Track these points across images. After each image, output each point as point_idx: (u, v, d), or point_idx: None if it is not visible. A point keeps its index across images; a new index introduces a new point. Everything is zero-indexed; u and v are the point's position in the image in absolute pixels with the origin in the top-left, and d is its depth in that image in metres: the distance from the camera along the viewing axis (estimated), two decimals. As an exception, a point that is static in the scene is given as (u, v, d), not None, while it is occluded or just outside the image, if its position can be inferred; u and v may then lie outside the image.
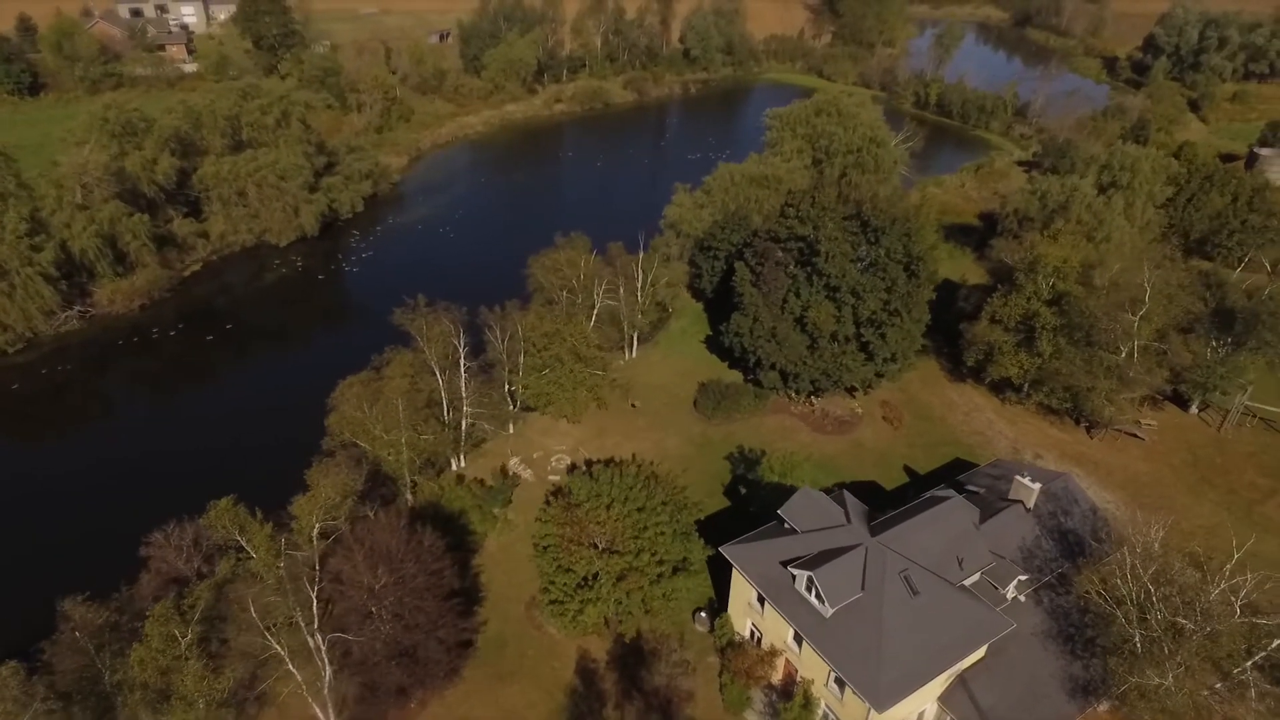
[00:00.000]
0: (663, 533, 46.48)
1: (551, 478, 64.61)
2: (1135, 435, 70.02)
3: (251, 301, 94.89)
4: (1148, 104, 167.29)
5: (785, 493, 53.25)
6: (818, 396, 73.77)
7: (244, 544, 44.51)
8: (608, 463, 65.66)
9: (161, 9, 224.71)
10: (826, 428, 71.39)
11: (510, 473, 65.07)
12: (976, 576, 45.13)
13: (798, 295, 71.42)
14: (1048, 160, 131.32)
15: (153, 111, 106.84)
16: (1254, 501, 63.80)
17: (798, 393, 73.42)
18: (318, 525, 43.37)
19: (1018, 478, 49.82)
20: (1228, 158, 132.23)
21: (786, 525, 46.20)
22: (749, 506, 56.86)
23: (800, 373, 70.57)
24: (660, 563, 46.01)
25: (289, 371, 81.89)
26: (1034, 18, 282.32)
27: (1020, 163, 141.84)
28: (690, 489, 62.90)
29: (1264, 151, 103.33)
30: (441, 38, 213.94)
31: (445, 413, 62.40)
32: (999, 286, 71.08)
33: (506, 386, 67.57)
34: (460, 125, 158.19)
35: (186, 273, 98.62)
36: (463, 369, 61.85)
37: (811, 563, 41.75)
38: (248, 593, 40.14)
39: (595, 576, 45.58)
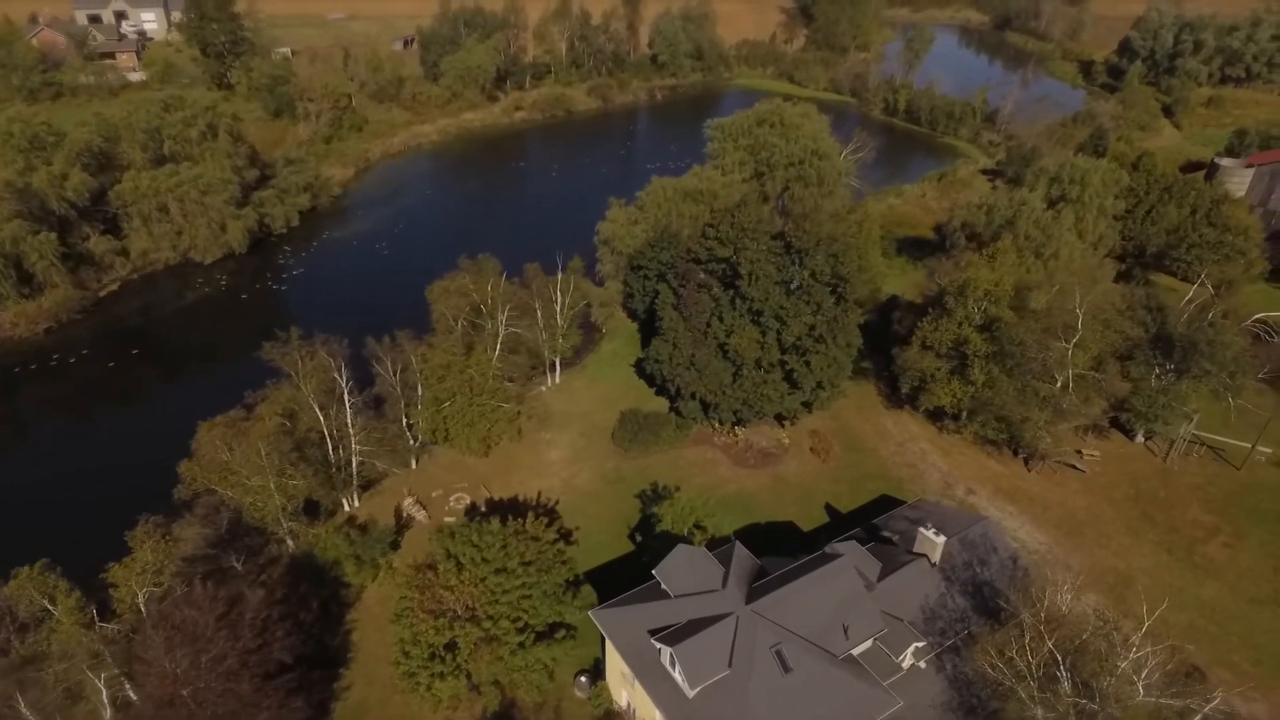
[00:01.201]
0: (527, 595, 42.31)
1: (447, 519, 60.34)
2: (1075, 467, 66.03)
3: (166, 323, 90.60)
4: (1120, 109, 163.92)
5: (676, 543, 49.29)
6: (742, 427, 69.72)
7: (57, 614, 40.26)
8: (507, 504, 61.97)
9: (120, 15, 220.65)
10: (749, 461, 67.30)
11: (404, 514, 60.95)
12: (868, 644, 41.05)
13: (721, 320, 67.52)
14: (1011, 169, 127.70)
15: (77, 123, 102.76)
16: (1196, 541, 59.79)
17: (721, 423, 69.41)
18: (143, 593, 39.18)
19: (921, 530, 45.80)
20: (1197, 166, 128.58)
21: (662, 587, 42.09)
22: (642, 557, 52.68)
23: (720, 403, 66.57)
24: (523, 629, 41.83)
25: (182, 402, 76.18)
26: (1013, 21, 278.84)
27: (985, 171, 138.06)
28: (594, 531, 59.25)
29: (1225, 162, 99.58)
30: (406, 44, 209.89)
31: (331, 451, 58.31)
32: (930, 309, 67.08)
33: (404, 421, 63.36)
34: (414, 134, 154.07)
35: (103, 293, 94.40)
36: (347, 404, 57.72)
37: (675, 635, 37.64)
38: (44, 673, 35.84)
39: (453, 646, 41.39)
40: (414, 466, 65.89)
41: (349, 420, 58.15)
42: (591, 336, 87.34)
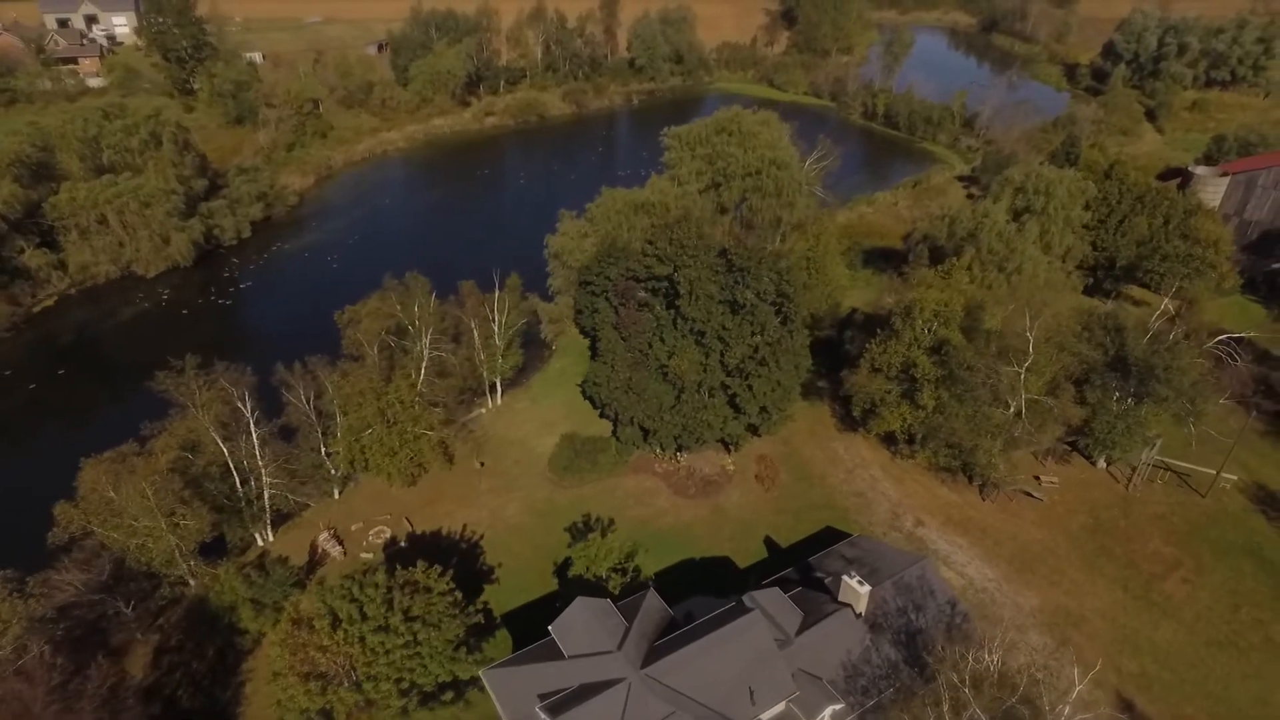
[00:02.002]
0: (414, 654, 38.99)
1: (364, 555, 57.11)
2: (1032, 495, 62.82)
3: (99, 341, 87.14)
4: (1101, 114, 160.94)
5: (590, 588, 46.11)
6: (685, 453, 66.47)
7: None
8: (429, 537, 58.65)
9: (91, 19, 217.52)
10: (689, 490, 64.02)
11: (319, 549, 57.63)
12: (780, 708, 37.79)
13: (663, 340, 64.32)
14: (986, 176, 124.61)
15: (7, 132, 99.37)
16: (1154, 577, 56.56)
17: (662, 449, 66.17)
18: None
19: (846, 578, 42.54)
20: (1177, 172, 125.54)
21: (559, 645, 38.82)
22: (555, 603, 49.36)
23: (659, 428, 63.33)
24: (407, 691, 38.52)
25: (98, 431, 71.44)
26: (1000, 23, 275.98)
27: (961, 178, 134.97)
28: (517, 570, 56.04)
29: (1199, 170, 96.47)
30: (380, 48, 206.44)
31: (239, 485, 54.98)
32: (878, 330, 63.85)
33: (323, 450, 60.01)
34: (380, 141, 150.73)
35: (37, 309, 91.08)
36: (254, 434, 54.43)
37: (561, 705, 34.38)
38: None
39: (328, 713, 38.08)
40: (336, 497, 62.58)
41: (257, 451, 54.84)
42: (541, 354, 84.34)
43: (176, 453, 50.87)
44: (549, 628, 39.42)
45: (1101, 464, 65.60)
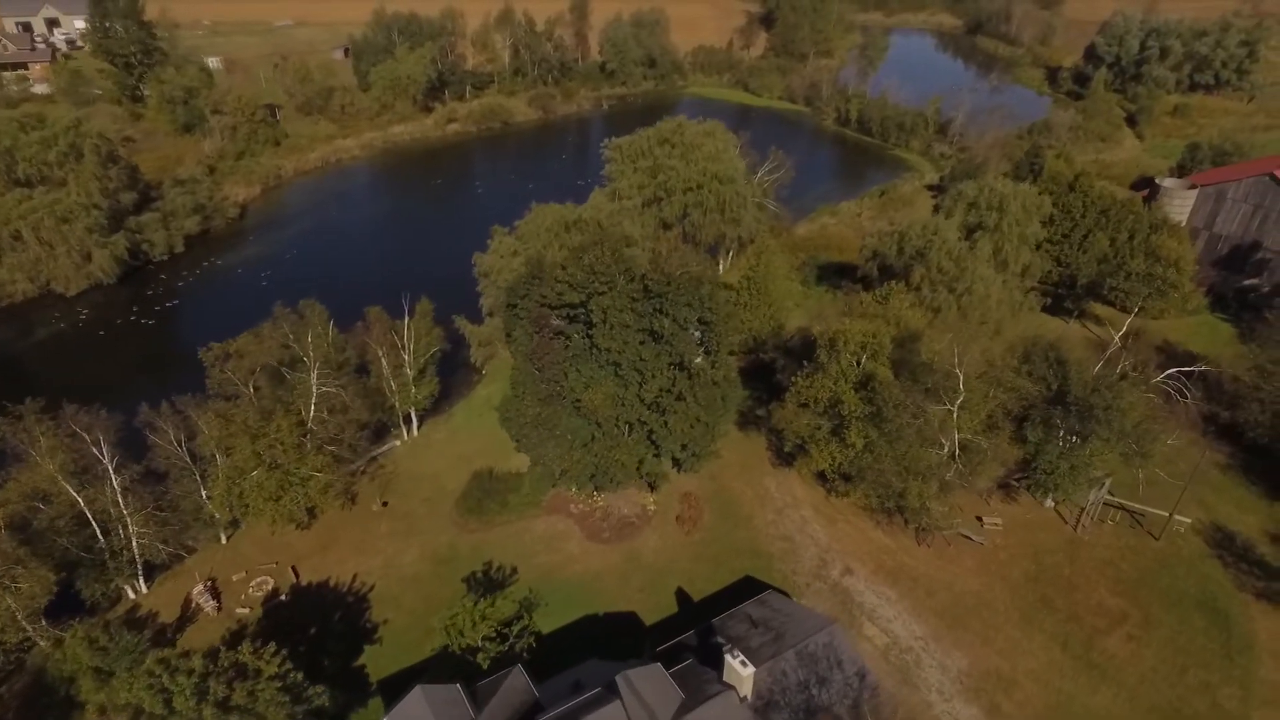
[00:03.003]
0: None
1: (240, 610, 52.68)
2: (972, 539, 58.39)
3: (14, 363, 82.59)
4: (1079, 120, 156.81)
5: (459, 659, 41.69)
6: (604, 491, 62.00)
7: None
8: (315, 589, 54.24)
9: (53, 22, 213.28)
10: (603, 533, 59.55)
11: (193, 604, 53.15)
12: (640, 813, 33.33)
13: (580, 372, 59.93)
14: (954, 185, 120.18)
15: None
16: (1097, 632, 52.13)
17: (578, 488, 61.72)
18: None
19: (728, 658, 38.13)
20: (1149, 182, 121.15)
21: (396, 740, 34.35)
22: (427, 673, 44.88)
23: (571, 468, 58.93)
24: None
25: None
26: (984, 25, 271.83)
27: (930, 187, 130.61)
28: (404, 627, 51.66)
29: (1166, 183, 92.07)
30: (346, 53, 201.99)
31: (102, 536, 50.52)
32: (804, 362, 59.43)
33: (203, 494, 55.48)
34: (335, 149, 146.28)
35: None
36: (114, 481, 49.96)
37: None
38: None
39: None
40: (224, 542, 58.13)
41: (119, 499, 50.38)
42: (470, 379, 79.99)
43: (18, 505, 46.31)
44: (384, 720, 35.03)
45: (1049, 503, 61.16)
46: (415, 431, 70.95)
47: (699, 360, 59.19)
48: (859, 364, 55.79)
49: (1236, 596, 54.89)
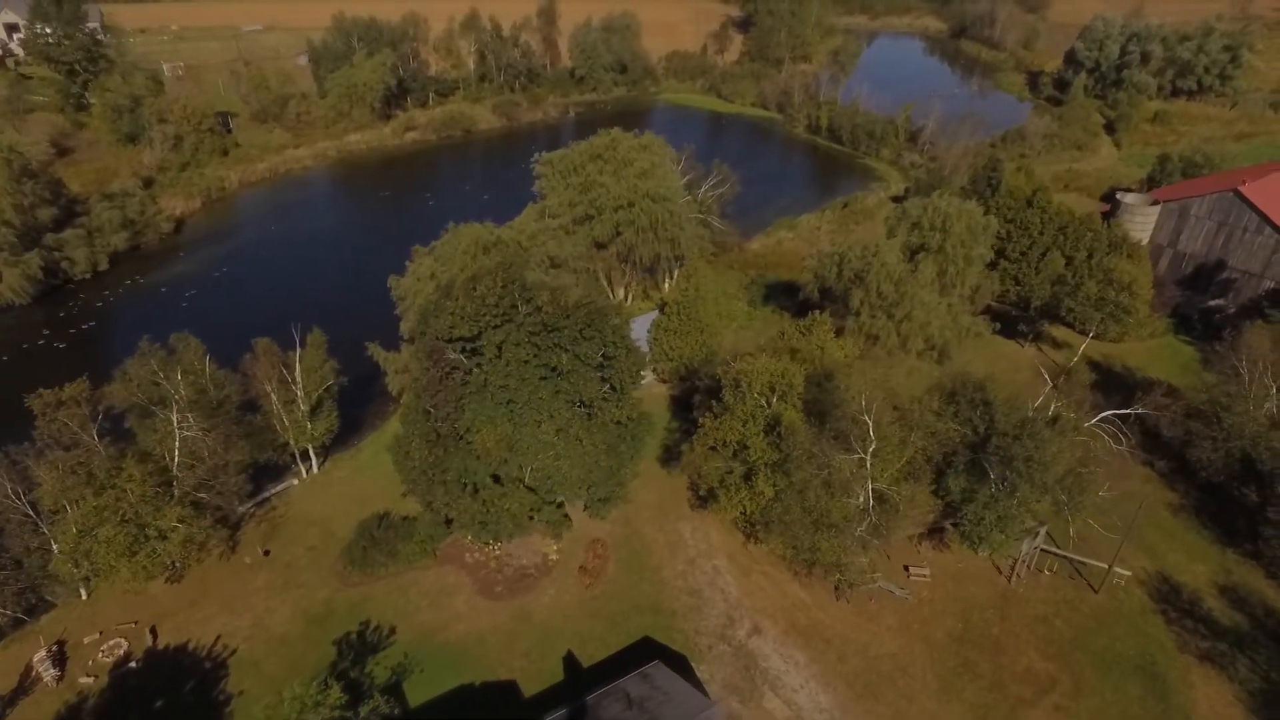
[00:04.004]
0: None
1: (84, 679, 48.15)
2: (895, 593, 53.88)
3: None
4: (1054, 127, 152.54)
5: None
6: (501, 540, 57.50)
7: None
8: (172, 653, 49.70)
9: (12, 28, 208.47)
10: (496, 587, 55.01)
11: (33, 672, 48.61)
12: None
13: (474, 411, 55.39)
14: (917, 196, 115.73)
15: None
16: (1021, 703, 47.60)
17: (474, 536, 57.18)
18: None
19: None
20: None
21: None
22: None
23: (459, 516, 54.43)
24: None
25: None
26: (969, 29, 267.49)
27: (896, 198, 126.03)
28: (262, 695, 46.93)
29: (1128, 199, 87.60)
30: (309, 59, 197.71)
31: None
32: (713, 403, 54.94)
33: (54, 548, 50.96)
34: (285, 159, 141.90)
35: None
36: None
37: None
38: None
39: None
40: (84, 598, 53.60)
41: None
42: (386, 409, 75.55)
43: None
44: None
45: (984, 551, 56.54)
46: (315, 469, 66.50)
47: (602, 399, 54.73)
48: (768, 405, 51.27)
49: (1177, 659, 50.38)
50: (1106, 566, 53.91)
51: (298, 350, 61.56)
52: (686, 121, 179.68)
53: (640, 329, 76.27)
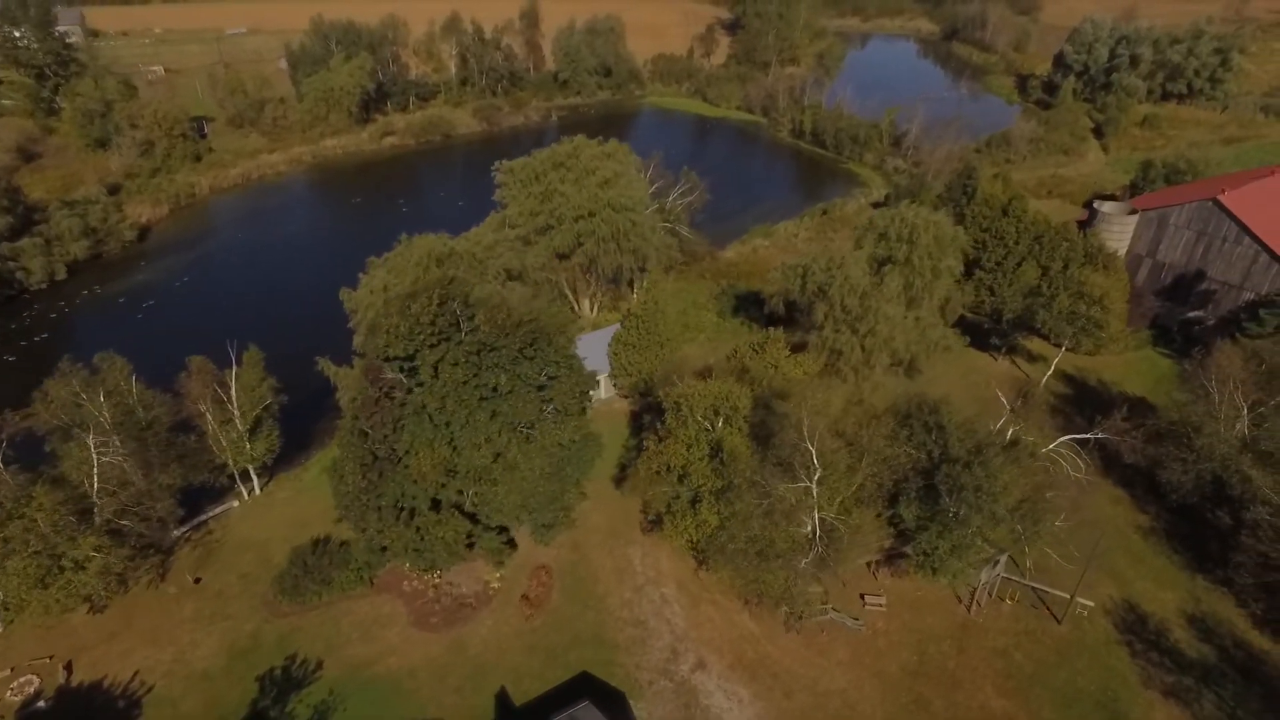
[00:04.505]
0: None
1: (-9, 719, 45.89)
2: (847, 624, 51.61)
3: None
4: (1040, 131, 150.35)
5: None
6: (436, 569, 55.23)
7: None
8: (86, 690, 47.42)
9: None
10: (432, 618, 52.76)
11: (-62, 711, 46.36)
12: None
13: (412, 433, 53.16)
14: (897, 203, 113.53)
15: None
16: (974, 744, 45.36)
17: (411, 565, 54.89)
18: None
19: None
20: (1109, 199, 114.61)
21: None
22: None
23: (392, 544, 52.15)
24: None
25: None
26: (960, 31, 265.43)
27: (876, 205, 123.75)
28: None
29: (1105, 207, 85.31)
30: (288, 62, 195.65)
31: None
32: (658, 424, 52.70)
33: (-35, 577, 48.70)
34: (258, 165, 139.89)
35: None
36: None
37: None
38: None
39: None
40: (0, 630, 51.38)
41: None
42: (336, 426, 73.16)
43: None
44: None
45: (942, 579, 54.23)
46: (257, 490, 64.29)
47: (545, 421, 52.52)
48: (712, 429, 49.03)
49: (1140, 695, 48.07)
50: (1069, 596, 51.60)
51: (234, 368, 59.29)
52: (671, 125, 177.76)
53: (604, 342, 74.21)
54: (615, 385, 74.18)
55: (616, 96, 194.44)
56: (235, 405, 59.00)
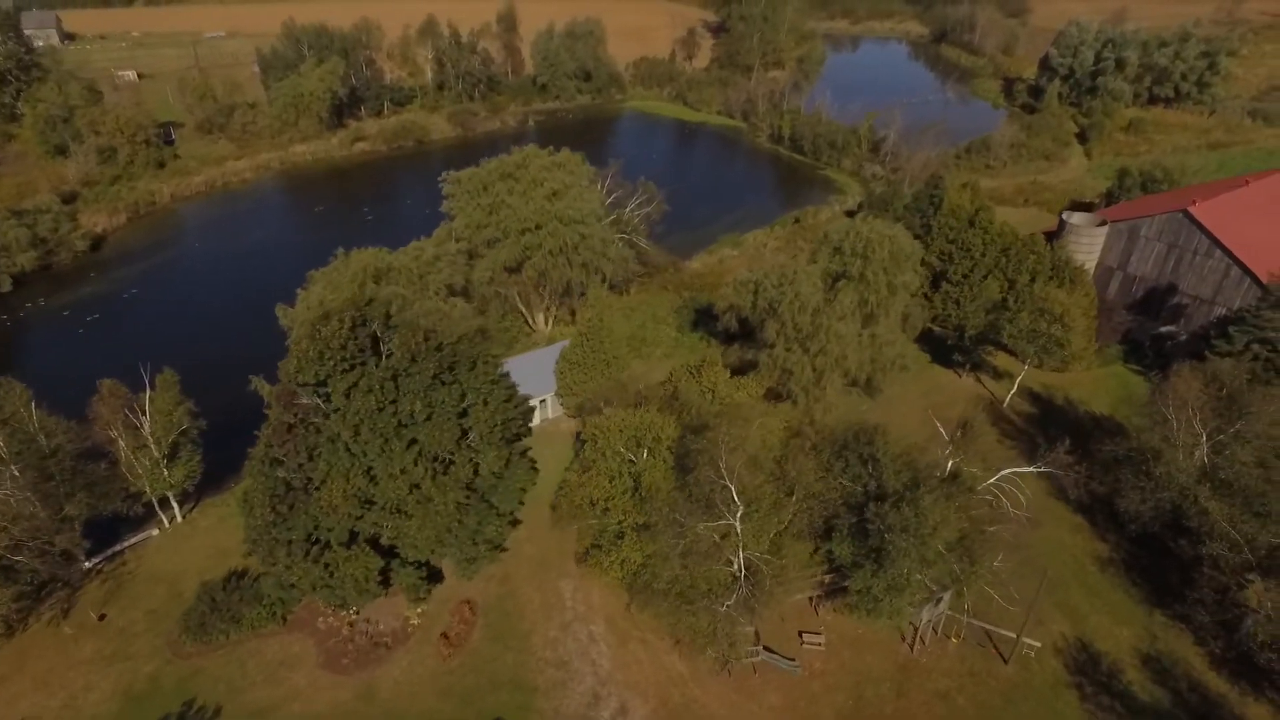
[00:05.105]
0: None
1: None
2: (781, 665, 48.83)
3: None
4: (1021, 137, 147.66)
5: None
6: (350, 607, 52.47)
7: None
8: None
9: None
10: (344, 659, 50.01)
11: None
12: None
13: (327, 462, 50.47)
14: (867, 212, 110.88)
15: None
16: (906, 800, 42.59)
17: (325, 601, 52.16)
18: None
19: None
20: (1081, 207, 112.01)
21: None
22: None
23: (300, 581, 49.42)
24: None
25: None
26: (949, 33, 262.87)
27: (850, 213, 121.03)
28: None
29: (1073, 219, 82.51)
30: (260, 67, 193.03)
31: None
32: (580, 456, 49.96)
33: None
34: (224, 172, 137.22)
35: None
36: None
37: None
38: None
39: None
40: (-112, 671, 48.65)
41: None
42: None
43: None
44: None
45: (879, 621, 51.42)
46: (179, 517, 61.56)
47: (464, 450, 49.83)
48: (636, 461, 46.31)
49: (1089, 744, 45.39)
50: (1015, 636, 48.84)
51: (147, 392, 56.58)
52: (650, 130, 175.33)
53: (554, 358, 71.41)
54: (562, 404, 71.50)
55: (596, 101, 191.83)
56: (149, 430, 56.19)
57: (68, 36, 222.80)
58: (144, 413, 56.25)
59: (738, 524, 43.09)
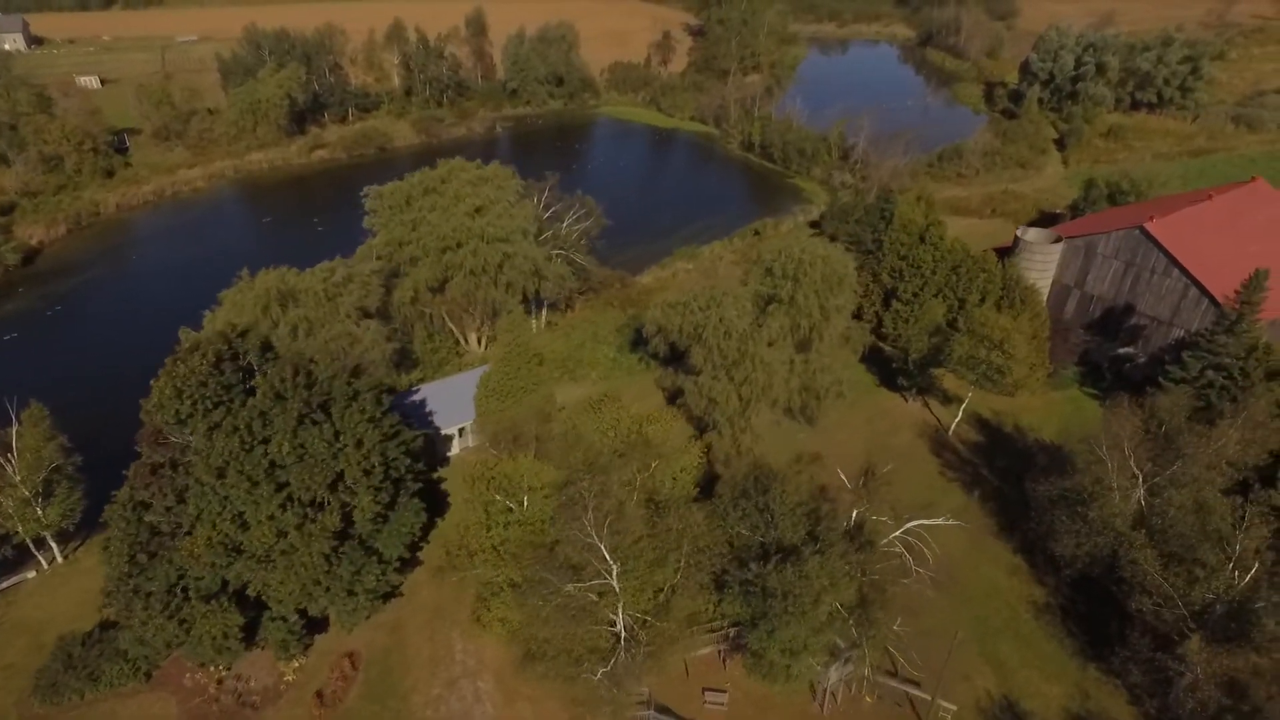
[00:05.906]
0: None
1: None
2: (678, 729, 45.12)
3: None
4: (996, 144, 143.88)
5: None
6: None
7: None
8: None
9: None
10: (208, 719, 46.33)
11: None
12: None
13: (195, 507, 46.81)
14: (831, 224, 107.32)
15: None
16: None
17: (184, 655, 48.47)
18: None
19: None
20: (1051, 218, 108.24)
21: None
22: None
23: (152, 639, 45.76)
24: None
25: None
26: (935, 37, 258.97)
27: (813, 224, 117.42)
28: None
29: (1028, 235, 78.66)
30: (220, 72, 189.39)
31: None
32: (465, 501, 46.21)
33: None
34: (175, 180, 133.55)
35: None
36: None
37: None
38: None
39: None
40: None
41: None
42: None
43: None
44: None
45: (776, 686, 47.63)
46: (59, 559, 57.85)
47: (338, 494, 46.16)
48: (516, 509, 42.58)
49: (1003, 821, 41.55)
50: (929, 698, 45.03)
51: (14, 427, 52.92)
52: (623, 137, 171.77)
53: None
54: (474, 436, 67.80)
55: (569, 106, 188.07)
56: (15, 468, 52.53)
57: (35, 40, 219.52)
58: (11, 450, 52.56)
59: (615, 582, 39.32)
